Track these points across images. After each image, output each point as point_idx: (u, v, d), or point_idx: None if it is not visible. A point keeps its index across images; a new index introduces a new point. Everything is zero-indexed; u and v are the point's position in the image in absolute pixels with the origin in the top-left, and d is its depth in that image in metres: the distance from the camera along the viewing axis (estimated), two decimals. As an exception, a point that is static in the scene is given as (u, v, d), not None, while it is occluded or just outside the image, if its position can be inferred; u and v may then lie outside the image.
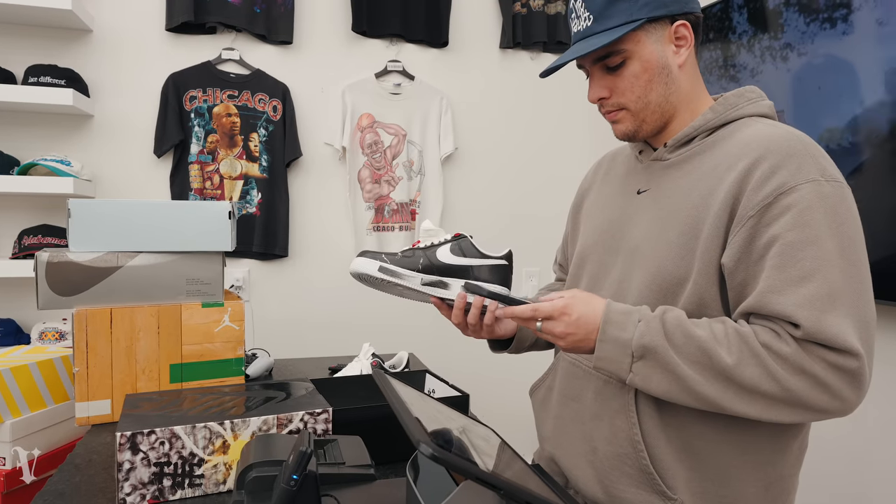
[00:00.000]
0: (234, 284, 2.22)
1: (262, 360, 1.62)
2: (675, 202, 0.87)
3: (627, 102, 0.90)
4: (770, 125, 0.85)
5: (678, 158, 0.91)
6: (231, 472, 0.96)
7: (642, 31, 0.87)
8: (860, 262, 0.77)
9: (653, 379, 0.79)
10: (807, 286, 0.74)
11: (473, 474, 0.56)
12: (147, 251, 1.32)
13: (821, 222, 0.75)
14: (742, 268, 0.79)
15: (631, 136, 0.93)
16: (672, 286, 0.85)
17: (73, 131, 2.08)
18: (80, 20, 1.97)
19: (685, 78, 0.90)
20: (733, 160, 0.82)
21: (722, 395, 0.76)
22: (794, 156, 0.78)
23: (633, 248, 0.91)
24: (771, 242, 0.77)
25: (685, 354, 0.77)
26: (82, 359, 1.25)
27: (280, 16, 2.22)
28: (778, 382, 0.74)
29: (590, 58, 0.90)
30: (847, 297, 0.74)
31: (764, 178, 0.78)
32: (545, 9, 2.51)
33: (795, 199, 0.76)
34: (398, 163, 2.37)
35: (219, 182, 2.18)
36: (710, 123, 0.89)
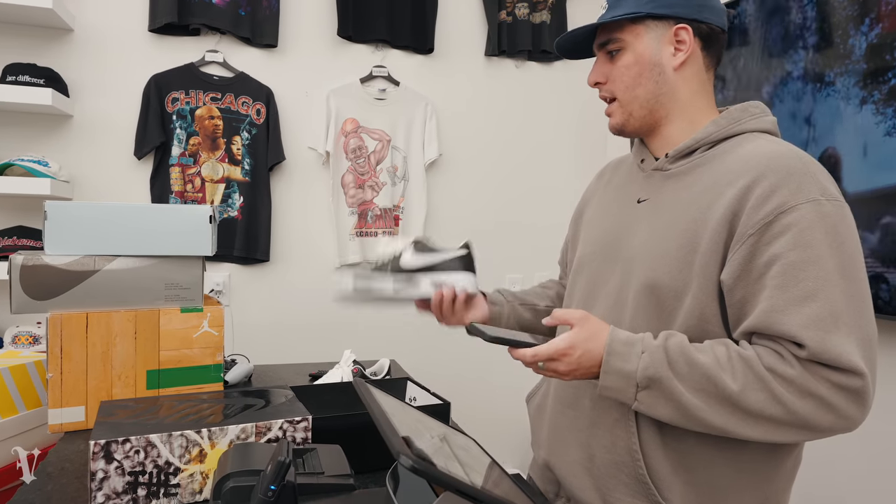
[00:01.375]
0: (215, 289, 2.19)
1: (242, 367, 1.60)
2: (675, 214, 0.87)
3: (617, 91, 0.93)
4: (772, 142, 0.85)
5: (679, 170, 0.91)
6: (208, 482, 0.95)
7: (643, 25, 0.90)
8: (861, 281, 0.78)
9: (657, 407, 0.80)
10: (810, 306, 0.75)
11: (453, 486, 0.55)
12: (125, 255, 1.29)
13: (822, 242, 0.76)
14: (742, 286, 0.80)
15: (619, 129, 0.96)
16: (669, 299, 0.85)
17: (52, 131, 2.05)
18: (60, 19, 1.94)
19: (682, 83, 0.91)
20: (734, 176, 0.83)
21: (727, 420, 0.77)
22: (795, 175, 0.79)
23: (631, 257, 0.91)
24: (772, 262, 0.77)
25: (689, 383, 0.77)
26: (56, 364, 1.23)
27: (265, 18, 2.21)
28: (784, 406, 0.75)
29: (597, 40, 0.95)
30: (849, 316, 0.75)
31: (764, 197, 0.78)
32: (530, 17, 2.52)
33: (796, 219, 0.76)
34: (382, 168, 2.36)
35: (200, 185, 2.16)
36: (712, 137, 0.89)
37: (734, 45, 1.80)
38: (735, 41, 1.80)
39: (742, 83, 1.78)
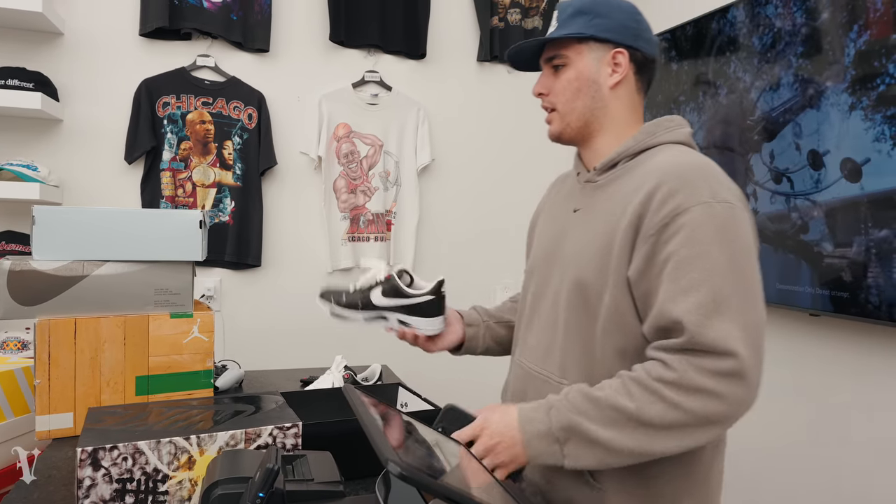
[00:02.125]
0: (206, 294, 2.18)
1: (232, 372, 1.59)
2: (598, 221, 0.97)
3: (557, 103, 1.03)
4: (679, 152, 0.94)
5: (605, 181, 1.01)
6: (196, 489, 0.94)
7: (586, 45, 1.00)
8: (748, 273, 0.86)
9: (584, 456, 0.85)
10: (695, 294, 0.83)
11: (442, 493, 0.55)
12: (114, 260, 1.29)
13: (711, 238, 0.85)
14: (644, 280, 0.88)
15: (557, 136, 1.06)
16: (593, 296, 0.94)
17: (41, 136, 2.03)
18: (50, 23, 1.93)
19: (615, 101, 1.01)
20: (641, 184, 0.92)
21: (641, 441, 0.82)
22: (689, 181, 0.88)
23: (566, 260, 1.01)
24: (667, 258, 0.86)
25: (598, 419, 0.84)
26: (44, 370, 1.22)
27: (257, 23, 2.21)
28: (679, 409, 0.81)
29: (544, 55, 1.05)
30: (734, 304, 0.82)
31: (663, 201, 0.88)
32: (522, 23, 2.53)
33: (688, 220, 0.85)
34: (374, 173, 2.36)
35: (191, 190, 2.15)
36: (631, 150, 0.99)
37: (725, 51, 1.82)
38: (726, 48, 1.82)
39: (732, 89, 1.79)
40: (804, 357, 1.74)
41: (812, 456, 1.71)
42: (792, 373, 1.78)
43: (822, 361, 1.69)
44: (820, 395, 1.69)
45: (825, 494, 1.66)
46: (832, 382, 1.66)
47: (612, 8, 1.00)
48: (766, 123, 1.69)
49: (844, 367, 1.63)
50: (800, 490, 1.73)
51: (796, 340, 1.76)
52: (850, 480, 1.61)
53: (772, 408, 1.83)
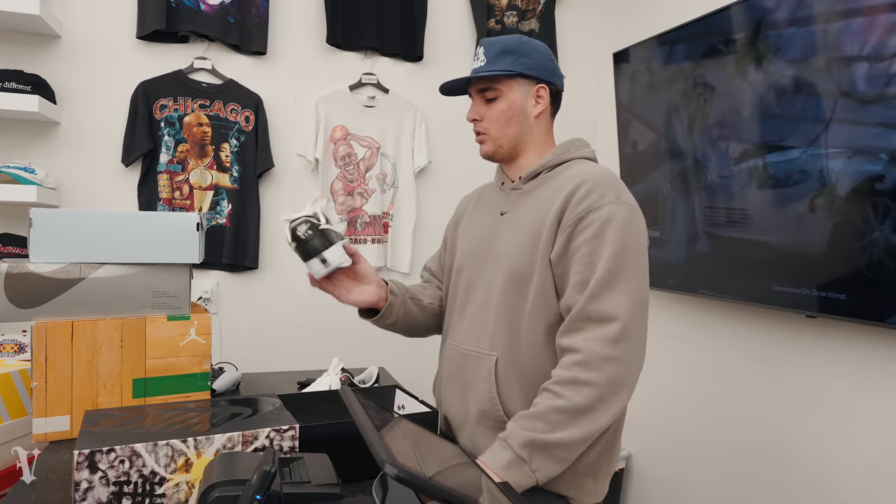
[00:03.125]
0: (203, 297, 2.18)
1: (229, 375, 1.59)
2: (526, 218, 1.17)
3: (490, 129, 1.21)
4: (590, 165, 1.18)
5: (529, 188, 1.21)
6: (194, 492, 0.94)
7: (515, 81, 1.19)
8: (639, 260, 1.07)
9: (549, 465, 1.00)
10: (595, 275, 1.04)
11: (438, 495, 0.55)
12: (111, 262, 1.29)
13: (614, 231, 1.06)
14: (562, 262, 1.09)
15: (490, 156, 1.24)
16: (523, 279, 1.13)
17: (39, 138, 2.03)
18: (48, 26, 1.93)
19: (538, 127, 1.23)
20: (563, 187, 1.13)
21: (584, 427, 1.00)
22: (601, 185, 1.10)
23: (497, 255, 1.19)
24: (580, 246, 1.07)
25: (544, 428, 1.00)
26: (41, 373, 1.22)
27: (254, 26, 2.21)
28: (595, 384, 0.99)
29: (476, 87, 1.22)
30: (622, 282, 1.03)
31: (581, 199, 1.09)
32: (519, 26, 2.54)
33: (598, 216, 1.07)
34: (371, 175, 2.36)
35: (188, 192, 2.15)
36: (551, 163, 1.21)
37: (721, 53, 1.83)
38: (723, 50, 1.82)
39: (730, 91, 1.80)
40: (797, 356, 1.75)
41: (798, 455, 1.72)
42: (788, 373, 1.78)
43: (816, 361, 1.70)
44: (812, 394, 1.70)
45: (815, 494, 1.67)
46: (826, 383, 1.67)
47: (532, 49, 1.20)
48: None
49: (842, 369, 1.64)
50: (788, 489, 1.74)
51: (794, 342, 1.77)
52: (844, 481, 1.61)
53: (780, 406, 1.84)
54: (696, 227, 1.95)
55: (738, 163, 1.78)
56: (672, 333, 2.24)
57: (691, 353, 2.16)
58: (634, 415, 2.42)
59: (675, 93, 2.01)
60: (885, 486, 1.52)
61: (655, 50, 2.09)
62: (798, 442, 1.75)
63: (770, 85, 1.66)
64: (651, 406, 2.34)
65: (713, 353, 2.06)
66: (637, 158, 2.23)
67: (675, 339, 2.23)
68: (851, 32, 1.46)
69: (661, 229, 2.12)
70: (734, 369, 1.97)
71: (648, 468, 2.36)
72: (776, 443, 1.81)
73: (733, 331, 1.98)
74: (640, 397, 2.38)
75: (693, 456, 2.13)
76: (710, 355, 2.08)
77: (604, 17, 2.69)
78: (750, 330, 1.92)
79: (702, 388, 2.10)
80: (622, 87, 2.29)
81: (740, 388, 1.94)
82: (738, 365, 1.96)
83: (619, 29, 2.58)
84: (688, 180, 1.98)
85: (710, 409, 2.06)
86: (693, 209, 1.97)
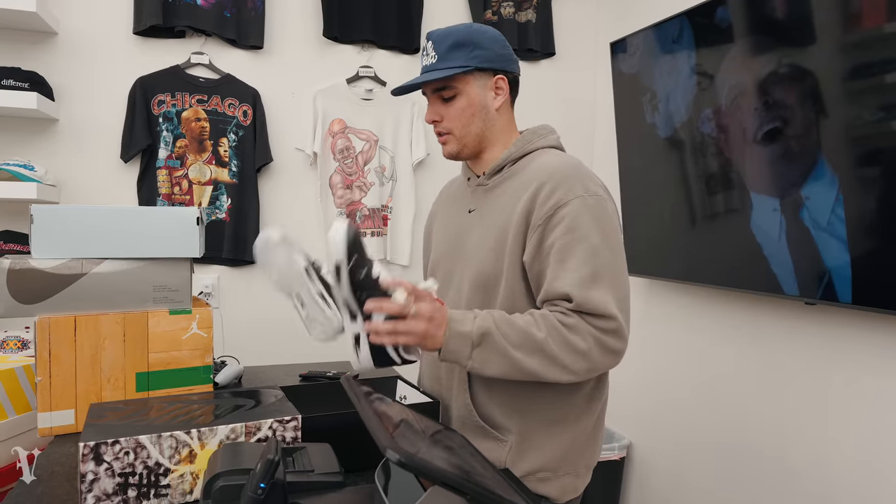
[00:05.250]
0: (204, 291, 2.19)
1: (231, 368, 1.60)
2: (493, 217, 1.14)
3: (453, 128, 1.16)
4: (554, 155, 1.14)
5: (493, 183, 1.18)
6: (198, 482, 0.95)
7: (471, 76, 1.13)
8: (617, 252, 1.06)
9: (489, 364, 1.00)
10: (578, 271, 1.01)
11: (439, 478, 0.56)
12: (113, 258, 1.29)
13: (587, 225, 1.03)
14: (536, 263, 1.06)
15: (454, 156, 1.19)
16: (491, 283, 1.11)
17: (37, 135, 2.04)
18: (44, 22, 1.93)
19: (500, 119, 1.18)
20: (527, 183, 1.10)
21: (540, 366, 0.99)
22: (566, 179, 1.06)
23: (467, 255, 1.17)
24: (553, 243, 1.04)
25: (510, 339, 0.99)
26: (45, 368, 1.23)
27: (250, 20, 2.21)
28: (575, 350, 0.99)
29: (430, 87, 1.16)
30: (607, 277, 1.02)
31: (547, 196, 1.06)
32: (516, 16, 2.54)
33: (567, 211, 1.04)
34: (370, 168, 2.37)
35: (187, 187, 2.16)
36: (514, 155, 1.16)
37: (720, 42, 1.83)
38: (721, 38, 1.82)
39: (730, 79, 1.80)
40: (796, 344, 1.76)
41: (803, 442, 1.73)
42: (787, 361, 1.79)
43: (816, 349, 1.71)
44: (814, 382, 1.72)
45: (816, 482, 1.69)
46: (826, 372, 1.68)
47: (486, 38, 1.13)
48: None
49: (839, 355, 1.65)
50: (788, 478, 1.76)
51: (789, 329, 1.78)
52: (848, 469, 1.63)
53: (785, 395, 1.85)
54: (695, 215, 1.96)
55: (737, 150, 1.78)
56: (672, 322, 2.25)
57: (692, 342, 2.17)
58: (635, 404, 2.43)
59: (673, 81, 2.01)
60: (884, 474, 1.53)
61: (653, 39, 2.09)
62: (798, 430, 1.76)
63: (768, 71, 1.67)
64: (652, 395, 2.35)
65: (713, 342, 2.07)
66: (635, 148, 2.23)
67: (675, 328, 2.24)
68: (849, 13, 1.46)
69: (659, 217, 2.13)
70: (735, 358, 1.98)
71: (649, 457, 2.37)
72: (776, 432, 1.82)
73: (733, 319, 1.99)
74: (641, 387, 2.39)
75: (693, 445, 2.15)
76: (710, 344, 2.09)
77: (601, 7, 2.69)
78: (749, 318, 1.93)
79: (702, 377, 2.12)
80: (619, 77, 2.29)
81: (741, 376, 1.96)
82: (739, 353, 1.97)
83: (616, 18, 2.58)
84: (686, 168, 1.98)
85: (710, 398, 2.08)
86: (692, 197, 1.97)
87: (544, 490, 1.11)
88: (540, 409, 1.11)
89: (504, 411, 1.11)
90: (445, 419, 1.20)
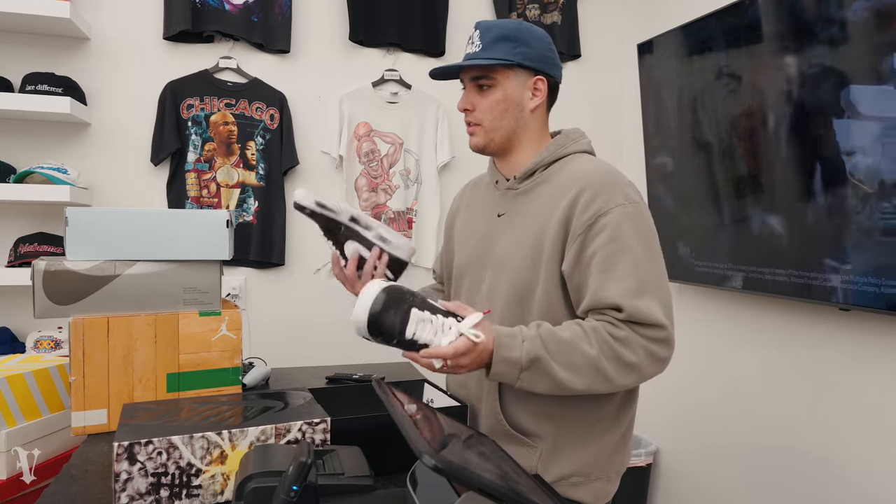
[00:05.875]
0: (231, 293, 2.21)
1: (259, 370, 1.61)
2: (526, 223, 1.11)
3: (484, 120, 1.14)
4: (589, 161, 1.13)
5: (525, 188, 1.15)
6: (228, 483, 0.96)
7: (512, 71, 1.12)
8: (658, 260, 1.05)
9: (536, 383, 1.00)
10: (624, 281, 1.00)
11: (476, 485, 0.56)
12: (144, 260, 1.31)
13: (630, 234, 1.02)
14: (577, 273, 1.05)
15: (480, 149, 1.17)
16: (527, 291, 1.09)
17: (70, 139, 2.08)
18: (77, 28, 1.97)
19: (533, 121, 1.16)
20: (564, 190, 1.08)
21: (590, 384, 0.99)
22: (606, 186, 1.05)
23: (498, 261, 1.14)
24: (594, 253, 1.02)
25: (560, 359, 0.98)
26: (79, 368, 1.25)
27: (277, 25, 2.23)
28: (628, 364, 0.99)
29: (470, 74, 1.14)
30: (653, 286, 1.01)
31: (586, 204, 1.04)
32: (541, 18, 2.52)
33: (609, 220, 1.03)
34: (395, 171, 2.37)
35: (216, 190, 2.18)
36: (546, 160, 1.14)
37: (747, 42, 1.79)
38: (750, 39, 1.79)
39: (759, 80, 1.77)
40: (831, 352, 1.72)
41: (838, 453, 1.69)
42: (820, 369, 1.75)
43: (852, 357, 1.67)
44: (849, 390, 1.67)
45: (851, 494, 1.64)
46: (861, 380, 1.64)
47: (532, 37, 1.12)
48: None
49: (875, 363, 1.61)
50: (820, 488, 1.71)
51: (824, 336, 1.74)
52: (879, 478, 1.58)
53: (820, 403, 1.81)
54: (723, 218, 1.93)
55: (767, 154, 1.75)
56: (702, 328, 2.21)
57: (721, 347, 2.13)
58: (662, 410, 2.40)
59: (702, 83, 1.98)
60: (922, 481, 1.49)
61: (681, 40, 2.06)
62: (832, 440, 1.72)
63: (798, 72, 1.63)
64: (679, 401, 2.32)
65: (743, 348, 2.04)
66: (663, 150, 2.20)
67: (704, 333, 2.20)
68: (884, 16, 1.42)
69: (687, 222, 2.09)
70: (765, 364, 1.94)
71: (676, 463, 2.34)
72: (808, 441, 1.78)
73: (764, 325, 1.95)
74: (669, 392, 2.36)
75: (722, 453, 2.11)
76: (739, 350, 2.05)
77: (627, 9, 2.66)
78: (781, 324, 1.89)
79: (731, 383, 2.08)
80: (647, 79, 2.27)
81: (771, 383, 1.92)
82: (769, 360, 1.93)
83: (642, 20, 2.56)
84: (715, 173, 1.95)
85: (739, 405, 2.04)
86: (721, 201, 1.94)
87: (577, 495, 1.10)
88: (572, 417, 1.09)
89: (535, 419, 1.10)
90: (473, 424, 1.19)
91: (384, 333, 0.94)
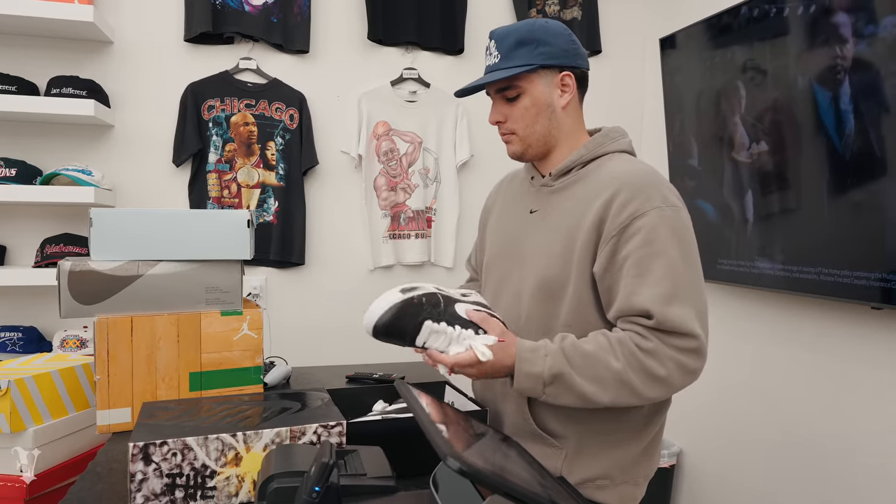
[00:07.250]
0: (252, 292, 2.22)
1: (280, 369, 1.61)
2: (558, 221, 1.09)
3: (517, 129, 1.12)
4: (627, 161, 1.09)
5: (560, 185, 1.12)
6: (243, 485, 0.96)
7: (536, 74, 1.09)
8: (695, 266, 1.01)
9: (561, 397, 0.99)
10: (656, 287, 0.97)
11: (502, 488, 0.55)
12: (167, 260, 1.32)
13: (665, 238, 0.99)
14: (608, 275, 1.02)
15: (519, 156, 1.15)
16: (556, 289, 1.07)
17: (94, 141, 2.10)
18: (101, 32, 1.99)
19: (567, 118, 1.13)
20: (599, 190, 1.05)
21: (615, 397, 0.97)
22: (643, 188, 1.02)
23: (527, 258, 1.12)
24: (627, 256, 0.99)
25: (584, 373, 0.97)
26: (103, 367, 1.26)
27: (296, 25, 2.23)
28: (654, 376, 0.96)
29: (493, 87, 1.12)
30: (687, 292, 0.98)
31: (622, 206, 1.01)
32: (561, 14, 2.50)
33: (644, 223, 0.99)
34: (414, 170, 2.37)
35: (236, 191, 2.19)
36: (584, 158, 1.11)
37: (772, 35, 1.76)
38: (774, 32, 1.76)
39: (784, 73, 1.73)
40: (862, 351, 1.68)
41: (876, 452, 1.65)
42: (851, 368, 1.71)
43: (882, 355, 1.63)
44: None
45: (880, 496, 1.60)
46: (892, 379, 1.59)
47: (549, 34, 1.08)
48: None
49: None
50: (849, 490, 1.67)
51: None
52: (914, 480, 1.54)
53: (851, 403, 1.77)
54: (747, 216, 1.89)
55: (794, 149, 1.71)
56: (728, 326, 2.17)
57: (747, 346, 2.09)
58: (686, 410, 2.36)
59: (725, 77, 1.95)
60: (958, 485, 1.44)
61: (704, 34, 2.03)
62: (862, 441, 1.67)
63: (824, 66, 1.59)
64: (703, 401, 2.28)
65: (769, 347, 2.00)
66: (686, 147, 2.17)
67: (730, 331, 2.16)
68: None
69: (711, 218, 2.06)
70: (792, 363, 1.90)
71: (700, 465, 2.30)
72: (836, 442, 1.74)
73: (791, 323, 1.91)
74: (692, 392, 2.32)
75: (747, 453, 2.07)
76: (765, 348, 2.01)
77: (648, 4, 2.63)
78: (810, 322, 1.85)
79: (757, 382, 2.04)
80: (669, 74, 2.23)
81: (798, 383, 1.88)
82: (797, 359, 1.89)
83: (664, 14, 2.52)
84: (740, 169, 1.92)
85: (765, 405, 2.00)
86: (747, 198, 1.90)
87: (603, 498, 1.08)
88: (599, 420, 1.07)
89: (562, 420, 1.09)
90: (497, 424, 1.18)
91: (394, 339, 0.97)
